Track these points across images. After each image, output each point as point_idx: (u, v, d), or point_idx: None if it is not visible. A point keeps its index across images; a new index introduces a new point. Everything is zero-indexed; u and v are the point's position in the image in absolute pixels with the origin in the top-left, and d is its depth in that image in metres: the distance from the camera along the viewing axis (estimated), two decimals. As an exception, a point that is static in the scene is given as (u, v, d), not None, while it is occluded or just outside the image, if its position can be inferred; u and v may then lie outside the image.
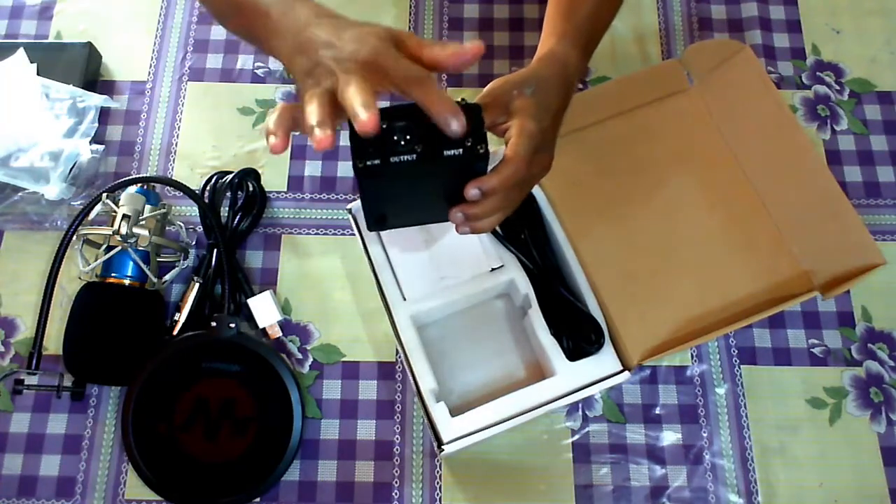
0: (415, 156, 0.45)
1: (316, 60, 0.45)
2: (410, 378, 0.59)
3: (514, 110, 0.50)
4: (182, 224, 0.68)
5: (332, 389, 0.65)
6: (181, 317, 0.64)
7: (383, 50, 0.44)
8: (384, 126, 0.44)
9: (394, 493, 0.62)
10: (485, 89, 0.52)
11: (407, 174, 0.45)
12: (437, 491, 0.62)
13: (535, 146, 0.48)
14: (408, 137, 0.44)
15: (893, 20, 0.79)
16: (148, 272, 0.64)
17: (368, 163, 0.44)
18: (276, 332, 0.65)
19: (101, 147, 0.71)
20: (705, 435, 0.64)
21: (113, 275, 0.64)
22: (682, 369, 0.66)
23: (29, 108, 0.69)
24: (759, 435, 0.64)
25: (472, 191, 0.47)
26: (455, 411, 0.58)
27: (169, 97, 0.75)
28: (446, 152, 0.45)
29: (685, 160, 0.68)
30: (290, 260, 0.69)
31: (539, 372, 0.63)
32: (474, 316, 0.65)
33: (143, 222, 0.65)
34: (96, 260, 0.64)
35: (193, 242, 0.69)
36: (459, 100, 0.45)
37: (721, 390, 0.65)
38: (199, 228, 0.70)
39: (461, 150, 0.45)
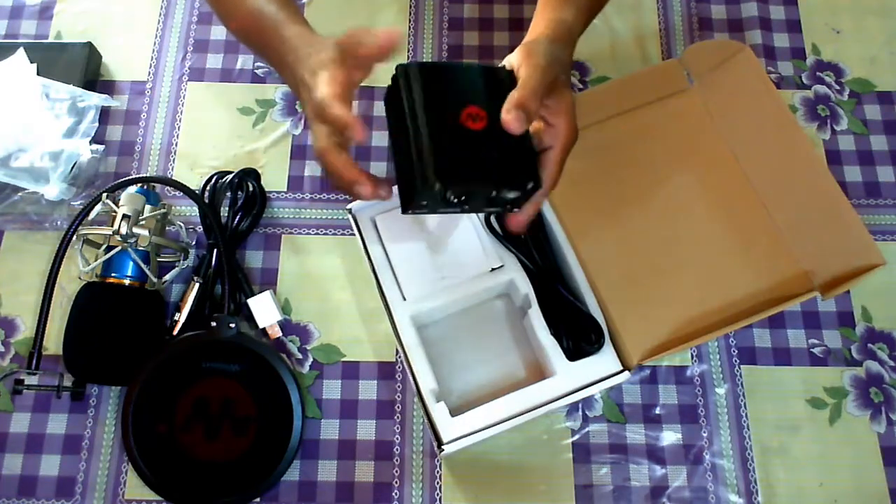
0: (460, 209, 0.47)
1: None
2: (410, 378, 0.59)
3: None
4: (182, 224, 0.68)
5: (332, 389, 0.65)
6: (181, 317, 0.64)
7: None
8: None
9: (394, 493, 0.62)
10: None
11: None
12: (437, 491, 0.62)
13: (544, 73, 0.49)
14: (462, 199, 0.46)
15: (893, 20, 0.79)
16: (148, 272, 0.64)
17: (417, 211, 0.48)
18: (276, 332, 0.65)
19: (101, 147, 0.71)
20: (705, 435, 0.64)
21: (113, 275, 0.64)
22: (682, 369, 0.66)
23: (29, 108, 0.69)
24: (759, 435, 0.64)
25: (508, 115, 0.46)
26: (455, 411, 0.58)
27: (169, 97, 0.75)
28: (489, 209, 0.47)
29: (685, 160, 0.68)
30: (290, 260, 0.69)
31: (539, 372, 0.63)
32: (474, 316, 0.65)
33: (143, 222, 0.65)
34: (96, 260, 0.64)
35: (193, 242, 0.69)
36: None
37: (721, 390, 0.65)
38: (199, 228, 0.70)
39: (501, 208, 0.49)
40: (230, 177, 0.68)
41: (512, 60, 0.50)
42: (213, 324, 0.62)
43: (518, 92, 0.45)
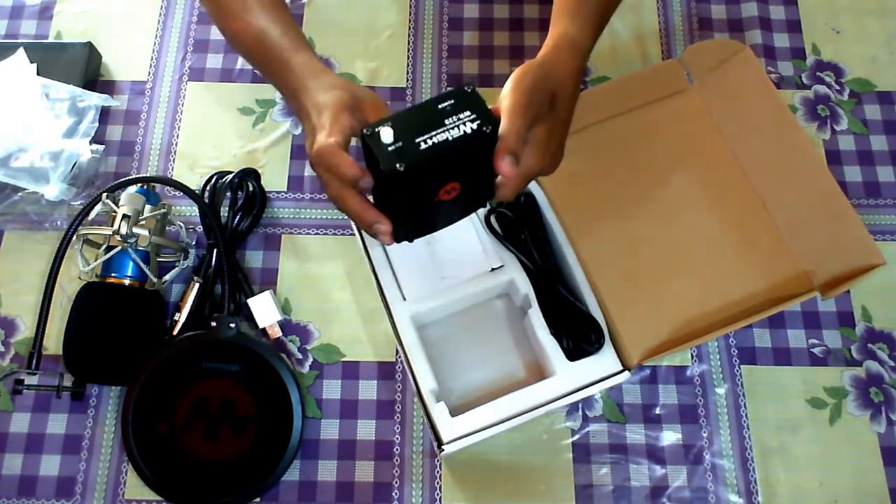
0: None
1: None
2: (410, 378, 0.59)
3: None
4: (182, 224, 0.68)
5: (332, 389, 0.65)
6: (181, 317, 0.64)
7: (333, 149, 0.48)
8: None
9: (394, 493, 0.62)
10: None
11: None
12: (437, 491, 0.62)
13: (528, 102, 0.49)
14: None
15: (893, 20, 0.79)
16: (148, 272, 0.64)
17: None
18: (276, 332, 0.65)
19: (101, 147, 0.71)
20: (705, 435, 0.64)
21: (113, 275, 0.64)
22: (682, 369, 0.66)
23: (29, 108, 0.69)
24: (759, 435, 0.64)
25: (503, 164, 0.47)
26: (455, 411, 0.58)
27: (169, 97, 0.75)
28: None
29: (685, 160, 0.68)
30: (290, 260, 0.69)
31: (539, 372, 0.63)
32: (474, 316, 0.65)
33: (143, 222, 0.65)
34: (96, 260, 0.64)
35: (193, 242, 0.69)
36: (465, 87, 0.47)
37: (721, 390, 0.65)
38: (199, 228, 0.70)
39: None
40: (230, 177, 0.68)
41: (504, 90, 0.50)
42: (213, 324, 0.62)
43: (504, 142, 0.47)
